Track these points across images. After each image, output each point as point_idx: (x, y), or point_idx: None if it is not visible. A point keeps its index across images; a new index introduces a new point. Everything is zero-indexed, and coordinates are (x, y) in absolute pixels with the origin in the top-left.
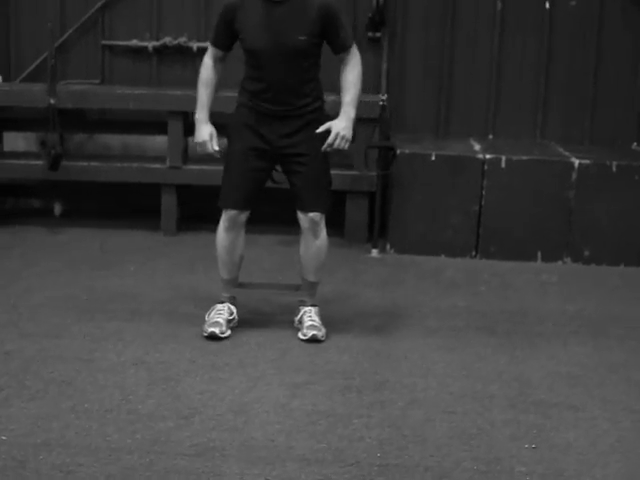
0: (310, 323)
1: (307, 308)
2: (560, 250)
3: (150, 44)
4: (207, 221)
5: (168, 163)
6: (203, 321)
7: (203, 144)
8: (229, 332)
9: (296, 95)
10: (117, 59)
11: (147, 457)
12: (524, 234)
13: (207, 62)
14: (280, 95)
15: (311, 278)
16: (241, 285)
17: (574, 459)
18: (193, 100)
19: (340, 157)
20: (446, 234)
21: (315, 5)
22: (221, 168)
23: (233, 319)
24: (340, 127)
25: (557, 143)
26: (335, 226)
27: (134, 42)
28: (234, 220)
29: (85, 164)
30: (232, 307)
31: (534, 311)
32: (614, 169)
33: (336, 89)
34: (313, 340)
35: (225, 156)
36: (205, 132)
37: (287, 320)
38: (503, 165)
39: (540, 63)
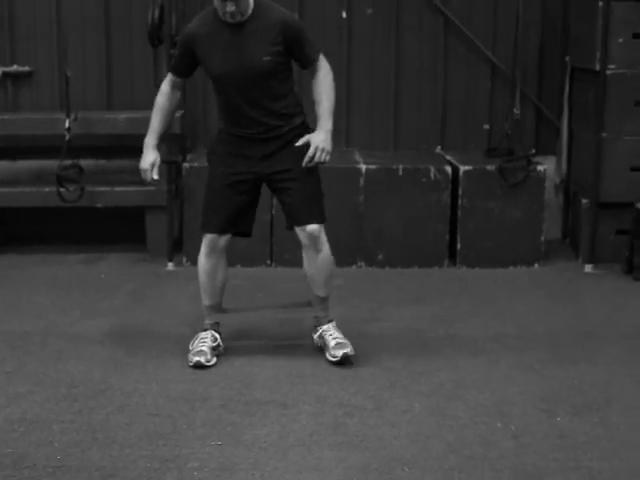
0: (335, 342)
1: (324, 327)
2: (354, 255)
3: None
4: (19, 243)
5: None
6: None
7: (144, 172)
8: (215, 360)
9: (269, 115)
10: None
11: None
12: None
13: (164, 89)
14: (253, 117)
15: (321, 293)
16: (232, 310)
17: (254, 454)
18: None
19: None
20: (241, 244)
21: (276, 25)
22: (24, 190)
23: (218, 346)
24: (319, 140)
25: (362, 150)
26: (138, 241)
27: None
28: (214, 245)
29: None
30: (216, 334)
31: (295, 315)
32: (400, 172)
33: None
34: (345, 358)
35: (207, 181)
36: (148, 159)
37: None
38: None
39: (341, 71)
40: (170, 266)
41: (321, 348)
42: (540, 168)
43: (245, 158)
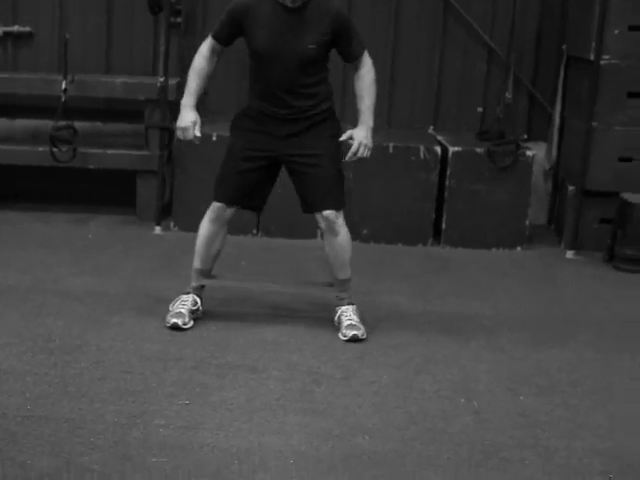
0: (348, 322)
1: (344, 307)
2: None
3: None
4: (13, 200)
5: None
6: None
7: (185, 129)
8: (192, 323)
9: (302, 99)
10: None
11: None
12: (304, 213)
13: (203, 51)
14: (284, 99)
15: (340, 276)
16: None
17: (220, 414)
18: None
19: (131, 138)
20: None
21: (328, 15)
22: (20, 148)
23: (197, 310)
24: (362, 136)
25: (355, 126)
26: (129, 204)
27: None
28: (220, 213)
29: None
30: (197, 298)
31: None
32: (391, 150)
33: None
34: (354, 340)
35: (226, 151)
36: (188, 118)
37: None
38: None
39: None
40: (157, 230)
41: (337, 328)
42: (529, 153)
43: (268, 136)
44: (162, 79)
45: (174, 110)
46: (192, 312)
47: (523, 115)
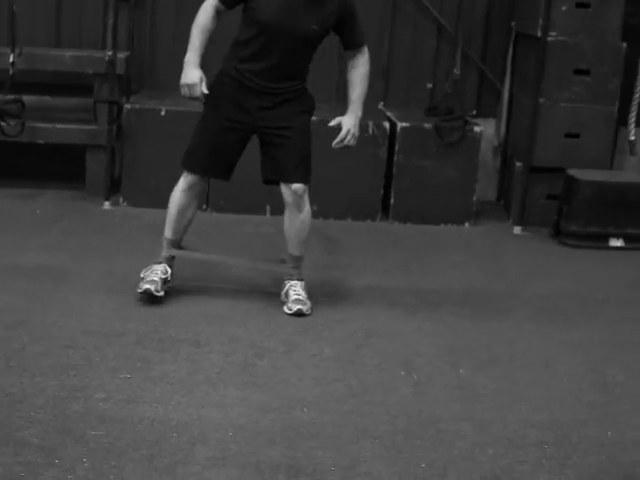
0: (295, 297)
1: (293, 282)
2: None
3: None
4: None
5: None
6: None
7: (192, 86)
8: (163, 293)
9: (290, 77)
10: None
11: None
12: (253, 189)
13: (208, 9)
14: (275, 75)
15: (295, 252)
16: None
17: (160, 388)
18: None
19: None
20: None
21: (336, 0)
22: None
23: (168, 280)
24: (351, 124)
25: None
26: (78, 179)
27: None
28: (193, 184)
29: None
30: (168, 268)
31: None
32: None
33: None
34: (298, 314)
35: (199, 120)
36: (195, 75)
37: None
38: None
39: None
40: (106, 205)
41: (283, 302)
42: (476, 129)
43: (243, 110)
44: (110, 53)
45: (123, 84)
46: (164, 282)
47: (472, 91)
